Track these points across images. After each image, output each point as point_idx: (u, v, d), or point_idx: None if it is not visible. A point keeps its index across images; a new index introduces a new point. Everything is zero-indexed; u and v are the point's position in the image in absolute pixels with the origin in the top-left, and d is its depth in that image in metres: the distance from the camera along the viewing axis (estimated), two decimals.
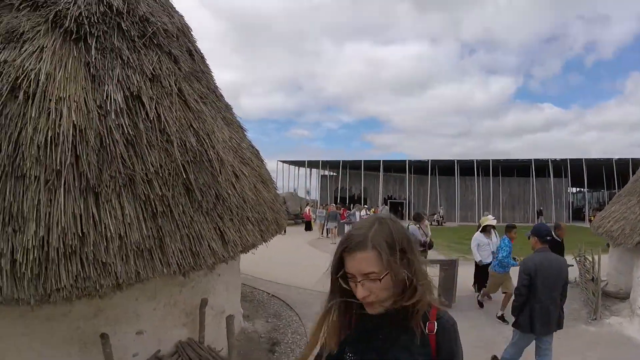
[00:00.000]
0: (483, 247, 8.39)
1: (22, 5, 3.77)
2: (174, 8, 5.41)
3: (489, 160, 36.29)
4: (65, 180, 3.10)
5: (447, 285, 7.79)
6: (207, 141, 4.36)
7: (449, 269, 7.89)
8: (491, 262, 7.99)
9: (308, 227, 24.29)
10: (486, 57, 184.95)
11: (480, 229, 8.69)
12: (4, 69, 3.28)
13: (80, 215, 3.10)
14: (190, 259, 3.67)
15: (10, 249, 2.78)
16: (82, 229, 3.05)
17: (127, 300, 3.95)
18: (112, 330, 3.77)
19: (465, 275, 8.98)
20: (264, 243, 5.04)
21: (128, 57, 4.03)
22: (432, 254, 10.88)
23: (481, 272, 8.45)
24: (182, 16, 5.44)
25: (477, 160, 36.45)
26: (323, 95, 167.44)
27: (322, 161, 42.41)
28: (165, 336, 4.33)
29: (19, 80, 3.26)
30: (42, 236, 2.86)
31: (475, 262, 8.57)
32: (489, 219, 8.89)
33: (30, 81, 3.29)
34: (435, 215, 34.02)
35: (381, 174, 39.78)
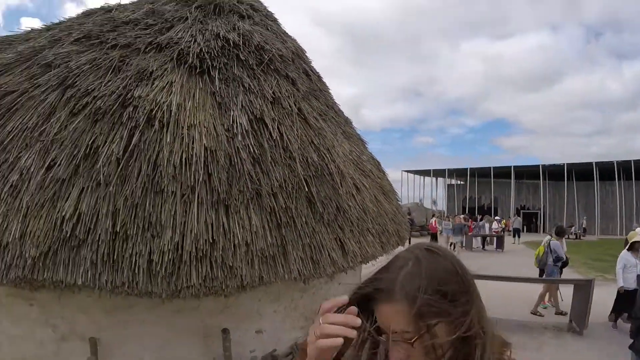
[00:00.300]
0: (629, 269, 6.63)
1: (148, 49, 4.26)
2: (287, 33, 5.59)
3: (630, 161, 29.38)
4: (198, 195, 3.38)
5: (580, 308, 6.58)
6: (327, 156, 4.41)
7: (583, 290, 6.65)
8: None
9: (434, 240, 22.92)
10: (614, 39, 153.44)
11: (627, 247, 6.94)
12: (139, 103, 3.70)
13: (212, 225, 3.34)
14: (310, 267, 3.74)
15: (147, 251, 3.11)
16: (212, 236, 3.29)
17: (251, 301, 4.13)
18: (234, 327, 3.96)
19: (603, 298, 7.19)
20: (384, 255, 4.87)
21: (249, 84, 4.28)
22: (566, 273, 9.33)
23: (623, 301, 6.63)
24: (294, 40, 5.61)
25: (617, 161, 30.10)
26: (444, 99, 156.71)
27: (448, 169, 39.13)
28: (283, 337, 4.42)
29: (154, 112, 3.65)
30: (177, 241, 3.15)
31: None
32: (638, 234, 7.10)
33: (164, 112, 3.67)
34: (573, 228, 28.47)
35: (512, 181, 34.70)
